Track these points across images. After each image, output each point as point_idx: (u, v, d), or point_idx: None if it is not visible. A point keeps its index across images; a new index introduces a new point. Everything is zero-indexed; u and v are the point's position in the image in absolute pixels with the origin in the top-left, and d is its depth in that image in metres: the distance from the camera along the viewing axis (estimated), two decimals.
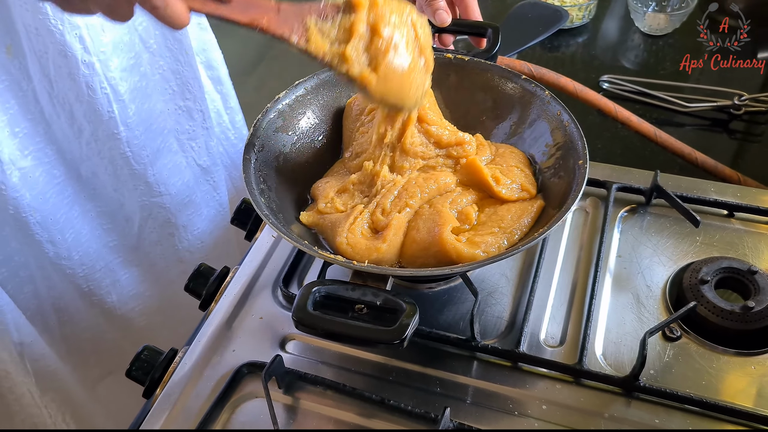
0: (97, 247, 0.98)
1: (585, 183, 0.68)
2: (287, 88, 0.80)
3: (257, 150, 0.74)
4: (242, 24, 0.62)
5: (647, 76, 1.17)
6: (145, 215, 1.00)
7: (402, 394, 0.70)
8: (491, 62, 0.83)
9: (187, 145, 1.02)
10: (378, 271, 0.63)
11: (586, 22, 1.33)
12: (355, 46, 0.64)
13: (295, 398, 0.70)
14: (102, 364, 1.10)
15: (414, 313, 0.58)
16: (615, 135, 1.07)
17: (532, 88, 0.79)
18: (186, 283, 0.86)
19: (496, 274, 0.80)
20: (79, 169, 0.91)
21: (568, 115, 0.75)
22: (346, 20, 0.64)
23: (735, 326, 0.70)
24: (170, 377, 0.73)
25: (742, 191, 0.87)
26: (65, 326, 1.02)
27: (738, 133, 1.10)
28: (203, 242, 1.11)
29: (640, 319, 0.74)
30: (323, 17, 0.64)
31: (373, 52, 0.64)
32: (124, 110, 0.89)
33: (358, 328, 0.59)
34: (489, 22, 0.87)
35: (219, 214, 1.13)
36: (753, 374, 0.69)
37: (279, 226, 0.66)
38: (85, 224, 0.95)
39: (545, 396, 0.69)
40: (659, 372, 0.69)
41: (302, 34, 0.63)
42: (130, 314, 1.07)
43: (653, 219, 0.85)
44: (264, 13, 0.62)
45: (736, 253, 0.80)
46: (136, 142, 0.92)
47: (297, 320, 0.59)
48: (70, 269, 0.96)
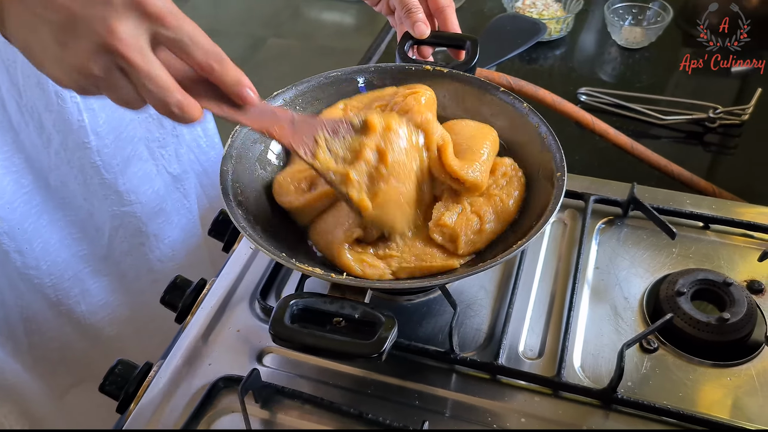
0: (66, 257, 0.97)
1: (563, 195, 0.68)
2: (266, 98, 0.79)
3: (234, 161, 0.73)
4: (253, 129, 0.63)
5: (624, 89, 1.19)
6: (116, 225, 0.99)
7: (381, 408, 0.69)
8: (470, 74, 0.83)
9: (157, 152, 1.01)
10: (356, 284, 0.63)
11: (564, 35, 1.34)
12: (359, 169, 0.66)
13: (273, 412, 0.69)
14: (71, 374, 1.08)
15: (392, 326, 0.58)
16: (593, 147, 1.08)
17: (510, 101, 0.79)
18: (162, 296, 0.84)
19: (474, 286, 0.80)
20: (47, 179, 0.90)
21: (546, 128, 0.75)
22: (356, 142, 0.66)
23: (711, 338, 0.71)
24: (145, 391, 0.72)
25: (717, 203, 0.89)
26: (33, 335, 1.00)
27: (713, 146, 1.12)
28: (174, 251, 1.09)
29: (617, 330, 0.75)
30: (334, 134, 0.66)
31: (375, 179, 0.66)
32: (95, 119, 0.87)
33: (336, 342, 0.58)
34: (467, 35, 0.87)
35: (189, 222, 1.12)
36: (728, 386, 0.69)
37: (256, 237, 0.65)
38: (53, 234, 0.94)
39: (524, 409, 0.68)
40: (637, 384, 0.69)
41: (311, 148, 0.65)
42: (100, 324, 1.06)
43: (630, 231, 0.86)
44: (277, 122, 0.64)
45: (712, 265, 0.81)
46: (107, 151, 0.91)
47: (274, 334, 0.59)
48: (37, 279, 0.94)
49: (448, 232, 0.70)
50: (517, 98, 0.79)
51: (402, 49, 0.85)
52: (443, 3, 0.86)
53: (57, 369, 1.06)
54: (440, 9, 0.87)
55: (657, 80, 1.25)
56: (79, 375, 1.07)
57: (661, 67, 1.28)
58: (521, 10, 1.36)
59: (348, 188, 0.66)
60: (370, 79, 0.83)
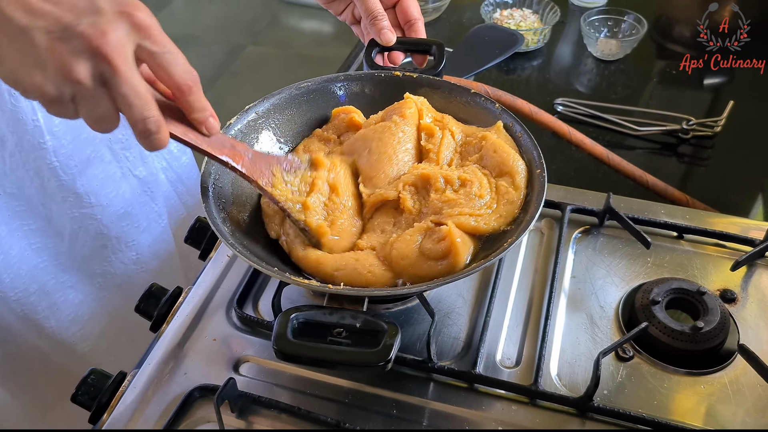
0: (28, 269, 0.93)
1: (545, 193, 0.69)
2: (238, 113, 0.79)
3: (214, 178, 0.73)
4: (215, 159, 0.67)
5: (600, 100, 1.20)
6: (75, 228, 0.96)
7: (358, 417, 0.69)
8: (439, 78, 0.84)
9: (120, 154, 0.99)
10: (354, 292, 0.63)
11: (541, 46, 1.36)
12: (316, 198, 0.73)
13: (249, 422, 0.69)
14: (53, 389, 1.05)
15: (396, 333, 0.58)
16: (569, 157, 1.09)
17: (482, 102, 0.80)
18: (137, 304, 0.83)
19: (452, 295, 0.80)
20: (3, 185, 0.86)
21: (520, 126, 0.76)
22: (307, 176, 0.74)
23: (685, 346, 0.72)
24: (118, 402, 0.71)
25: (691, 213, 0.90)
26: (8, 345, 0.96)
27: (686, 157, 1.13)
28: (139, 254, 1.07)
29: (594, 339, 0.75)
30: (288, 170, 0.73)
31: (330, 209, 0.73)
32: (50, 119, 0.85)
33: (344, 353, 0.58)
34: (434, 39, 0.88)
35: (158, 226, 1.10)
36: (702, 393, 0.70)
37: (247, 254, 0.66)
38: (13, 244, 0.90)
39: (501, 417, 0.69)
40: (612, 392, 0.70)
41: (268, 180, 0.71)
42: (72, 339, 1.02)
43: (606, 240, 0.87)
44: (236, 154, 0.68)
45: (686, 274, 0.82)
46: (64, 152, 0.88)
47: (279, 350, 0.58)
48: (1, 293, 0.90)
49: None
50: (489, 99, 0.80)
51: (369, 57, 0.87)
52: (414, 16, 0.88)
53: (38, 381, 1.03)
54: (411, 22, 0.88)
55: (632, 92, 1.26)
56: (63, 389, 1.04)
57: (636, 79, 1.30)
58: (499, 21, 1.37)
59: (307, 215, 0.71)
60: (342, 87, 0.85)
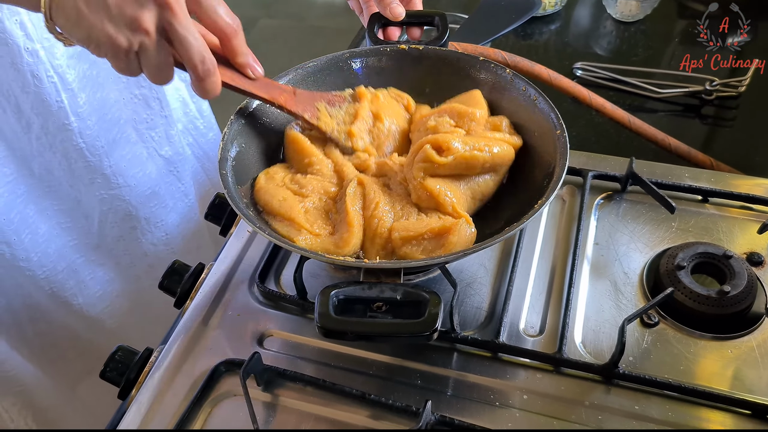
0: (57, 247, 0.95)
1: (568, 151, 0.68)
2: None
3: (232, 162, 0.73)
4: (262, 99, 0.73)
5: (620, 63, 1.18)
6: (105, 209, 0.97)
7: (383, 388, 0.69)
8: (444, 47, 0.84)
9: (146, 135, 0.99)
10: (391, 265, 0.63)
11: (559, 10, 1.33)
12: (360, 126, 0.77)
13: (275, 395, 0.69)
14: (82, 362, 1.07)
15: (439, 302, 0.58)
16: (589, 122, 1.07)
17: (492, 68, 0.80)
18: (160, 281, 0.84)
19: (474, 265, 0.80)
20: (31, 166, 0.88)
21: (535, 90, 0.75)
22: (351, 108, 0.79)
23: (711, 311, 0.71)
24: (146, 377, 0.72)
25: (716, 176, 0.88)
26: (38, 323, 0.98)
27: (710, 118, 1.11)
28: (168, 235, 1.07)
29: (618, 306, 0.75)
30: (332, 105, 0.78)
31: (374, 135, 0.78)
32: (74, 99, 0.85)
33: (390, 325, 0.58)
34: (435, 10, 0.88)
35: (186, 206, 1.10)
36: (729, 357, 0.70)
37: (275, 236, 0.66)
38: (41, 223, 0.92)
39: (526, 386, 0.69)
40: (638, 358, 0.69)
41: (313, 114, 0.76)
42: (100, 316, 1.04)
43: (629, 206, 0.85)
44: (282, 93, 0.74)
45: (711, 238, 0.81)
46: (89, 133, 0.89)
47: (323, 328, 0.57)
48: (29, 271, 0.92)
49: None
50: (500, 66, 0.79)
51: (372, 32, 0.86)
52: None
53: (67, 355, 1.05)
54: None
55: (653, 53, 1.24)
56: (90, 364, 1.06)
57: (657, 40, 1.26)
58: None
59: (353, 141, 0.76)
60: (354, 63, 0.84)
